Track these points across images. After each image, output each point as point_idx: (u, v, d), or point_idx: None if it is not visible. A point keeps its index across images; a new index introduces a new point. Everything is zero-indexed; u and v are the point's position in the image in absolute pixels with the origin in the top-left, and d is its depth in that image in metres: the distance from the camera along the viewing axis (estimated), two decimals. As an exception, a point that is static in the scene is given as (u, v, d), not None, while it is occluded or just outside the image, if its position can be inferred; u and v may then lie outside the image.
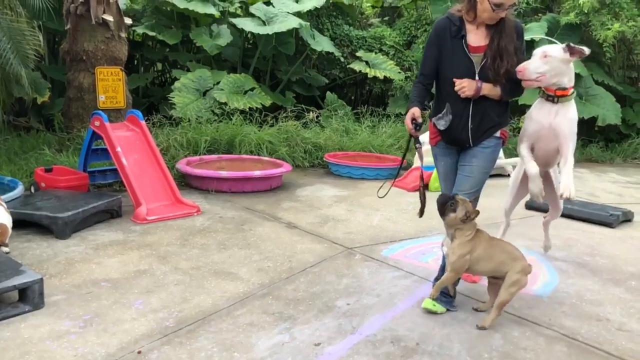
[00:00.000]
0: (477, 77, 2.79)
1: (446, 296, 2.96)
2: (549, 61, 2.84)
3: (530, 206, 5.29)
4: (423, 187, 3.01)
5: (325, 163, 7.01)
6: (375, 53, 9.59)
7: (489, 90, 2.81)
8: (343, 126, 8.13)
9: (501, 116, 2.92)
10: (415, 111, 2.91)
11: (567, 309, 3.05)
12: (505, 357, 2.49)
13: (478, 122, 2.85)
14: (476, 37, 2.83)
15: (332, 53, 9.13)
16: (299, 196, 5.59)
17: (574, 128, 3.08)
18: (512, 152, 8.43)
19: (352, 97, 10.92)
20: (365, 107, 8.94)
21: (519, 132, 10.01)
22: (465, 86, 2.77)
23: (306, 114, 8.15)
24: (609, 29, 8.63)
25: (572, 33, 9.35)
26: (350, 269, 3.55)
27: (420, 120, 2.96)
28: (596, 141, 9.54)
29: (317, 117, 8.36)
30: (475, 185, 2.89)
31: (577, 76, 8.92)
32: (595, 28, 8.84)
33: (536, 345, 2.62)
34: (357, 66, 9.05)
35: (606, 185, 6.98)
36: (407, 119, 2.94)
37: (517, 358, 2.50)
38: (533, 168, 3.11)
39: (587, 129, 9.69)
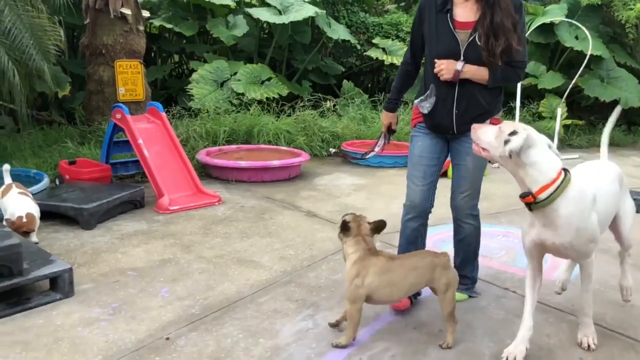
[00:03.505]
0: (462, 57, 2.51)
1: (467, 283, 2.96)
2: (499, 136, 2.13)
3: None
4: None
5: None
6: (392, 40, 9.50)
7: (473, 73, 2.51)
8: (360, 114, 8.11)
9: (492, 103, 2.62)
10: (392, 120, 2.96)
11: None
12: (528, 344, 2.49)
13: (464, 107, 2.57)
14: (464, 12, 2.52)
15: (348, 41, 9.07)
16: (318, 185, 5.62)
17: (582, 239, 2.18)
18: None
19: (369, 85, 10.86)
20: (382, 94, 8.90)
21: (539, 117, 9.81)
22: (443, 68, 2.51)
23: (323, 102, 8.14)
24: (631, 9, 8.43)
25: (593, 14, 9.15)
26: (371, 256, 3.57)
27: (395, 127, 3.02)
28: (618, 124, 9.35)
29: (334, 105, 8.35)
30: (473, 184, 2.75)
31: (599, 58, 8.77)
32: (617, 8, 8.64)
33: (559, 332, 2.62)
34: (373, 53, 8.99)
35: (629, 169, 6.86)
36: (384, 126, 3.00)
37: (540, 344, 2.50)
38: (526, 320, 2.37)
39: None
